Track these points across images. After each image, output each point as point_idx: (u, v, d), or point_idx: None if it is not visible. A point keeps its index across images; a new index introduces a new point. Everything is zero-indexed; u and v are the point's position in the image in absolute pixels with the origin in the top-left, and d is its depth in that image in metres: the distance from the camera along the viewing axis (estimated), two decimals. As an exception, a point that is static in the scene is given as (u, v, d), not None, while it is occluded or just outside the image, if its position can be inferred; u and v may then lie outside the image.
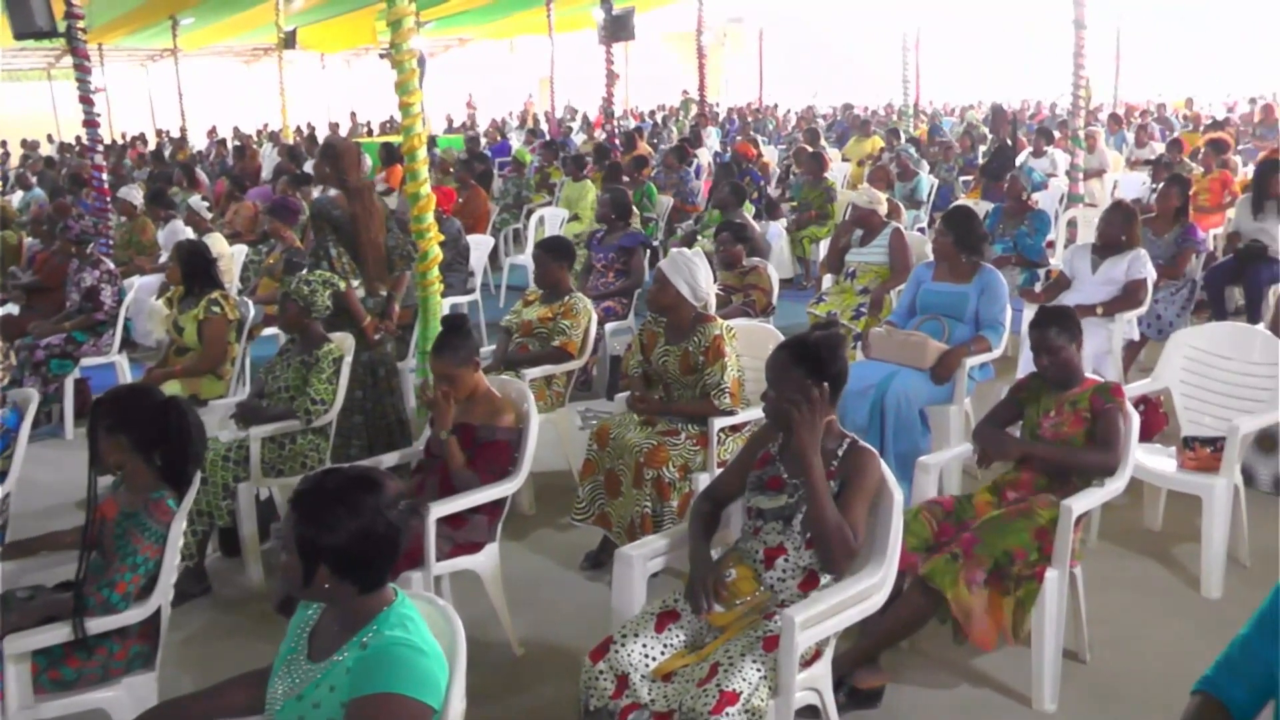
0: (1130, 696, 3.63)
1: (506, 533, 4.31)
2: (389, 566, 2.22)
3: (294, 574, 2.18)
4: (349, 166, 5.39)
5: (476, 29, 29.98)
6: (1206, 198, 9.79)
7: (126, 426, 3.23)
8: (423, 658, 2.14)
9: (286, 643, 2.34)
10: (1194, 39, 30.91)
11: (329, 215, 5.42)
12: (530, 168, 14.06)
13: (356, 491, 2.18)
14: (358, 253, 5.40)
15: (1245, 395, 4.88)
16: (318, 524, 2.15)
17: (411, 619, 2.22)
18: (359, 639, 2.17)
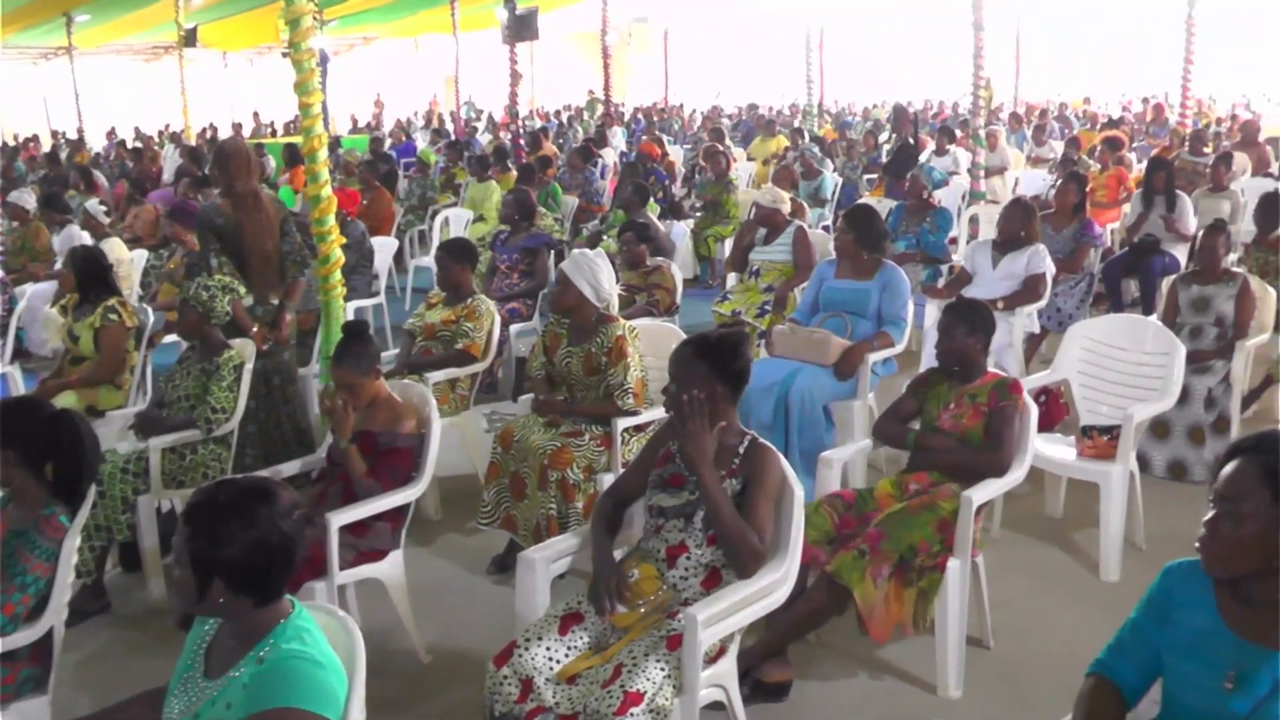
0: (1033, 679, 3.70)
1: (411, 539, 4.26)
2: (285, 578, 2.16)
3: (188, 589, 2.13)
4: (237, 171, 5.23)
5: (380, 27, 29.66)
6: (1103, 194, 10.07)
7: (13, 441, 3.11)
8: (320, 670, 2.10)
9: (183, 660, 2.28)
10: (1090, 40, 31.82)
11: (212, 224, 5.25)
12: (435, 168, 13.92)
13: (250, 502, 2.12)
14: (243, 261, 5.23)
15: (1140, 384, 5.02)
16: (211, 537, 2.09)
17: (309, 631, 2.16)
18: (255, 654, 2.11)
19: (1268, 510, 2.04)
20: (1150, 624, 2.27)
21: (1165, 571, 2.29)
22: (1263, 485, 2.05)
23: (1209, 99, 24.91)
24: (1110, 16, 30.30)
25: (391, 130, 23.83)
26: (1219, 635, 2.13)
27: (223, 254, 5.23)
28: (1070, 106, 24.70)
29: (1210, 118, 20.14)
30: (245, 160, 5.34)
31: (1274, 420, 6.24)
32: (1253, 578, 2.10)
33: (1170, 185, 8.30)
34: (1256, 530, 2.05)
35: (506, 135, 17.36)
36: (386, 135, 22.16)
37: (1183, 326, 5.75)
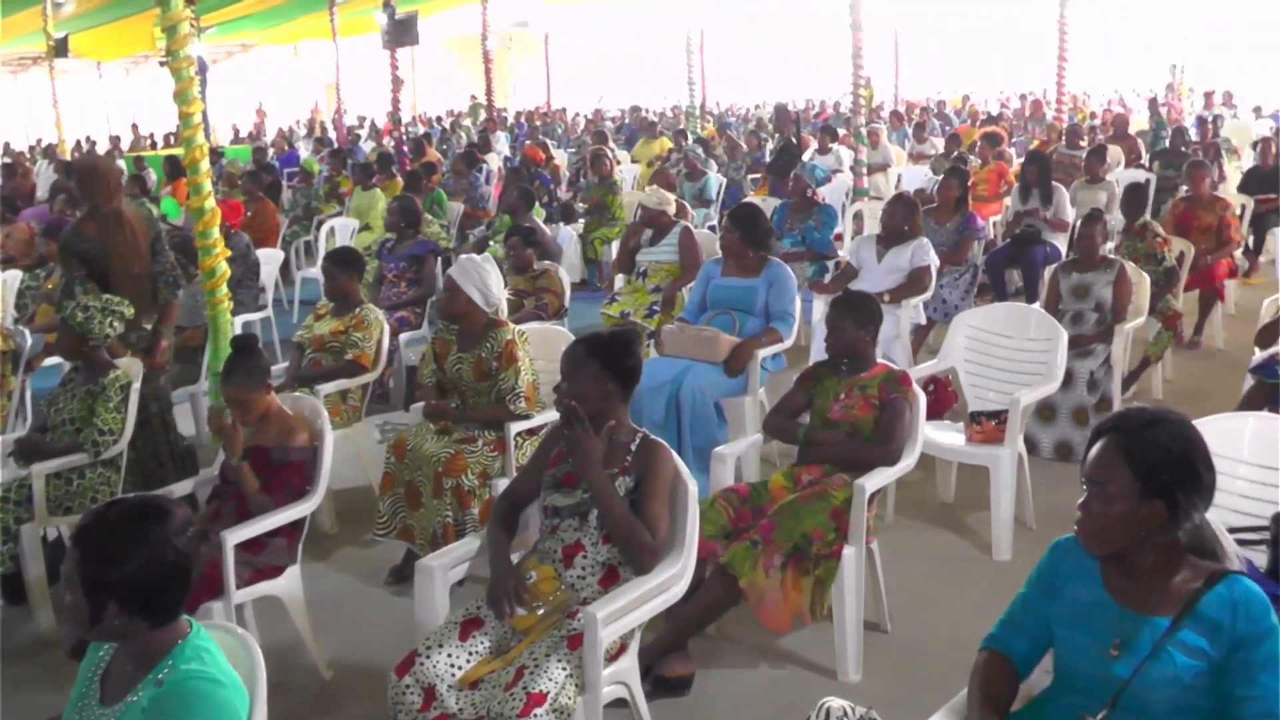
0: (931, 660, 3.78)
1: (309, 554, 4.20)
2: (181, 597, 2.11)
3: (80, 614, 2.06)
4: (100, 190, 5.01)
5: (259, 34, 28.99)
6: (985, 188, 10.33)
7: None
8: (221, 689, 2.06)
9: (77, 688, 2.21)
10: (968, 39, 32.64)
11: (76, 247, 5.01)
12: (319, 177, 13.69)
13: (142, 520, 2.07)
14: (111, 286, 4.95)
15: (1024, 370, 5.17)
16: (103, 558, 2.03)
17: (208, 650, 2.12)
18: (154, 676, 2.06)
19: (1132, 487, 2.13)
20: (1039, 598, 2.35)
21: (1053, 547, 2.37)
22: (1125, 464, 2.14)
23: (1084, 95, 25.85)
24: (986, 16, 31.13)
25: (274, 140, 23.38)
26: (1104, 605, 2.22)
27: (89, 280, 4.97)
28: (950, 104, 25.38)
29: (1085, 113, 20.86)
30: (108, 178, 5.12)
31: (1154, 399, 6.51)
32: (1131, 549, 2.18)
33: (1045, 178, 8.56)
34: (1124, 507, 2.14)
35: (390, 142, 17.17)
36: (269, 145, 21.74)
37: (1064, 313, 5.95)
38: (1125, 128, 14.55)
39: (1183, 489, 2.13)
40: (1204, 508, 2.18)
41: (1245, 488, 3.39)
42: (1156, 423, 2.18)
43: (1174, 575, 2.18)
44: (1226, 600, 2.10)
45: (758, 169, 12.81)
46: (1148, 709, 2.13)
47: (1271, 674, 2.06)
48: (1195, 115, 17.99)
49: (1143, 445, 2.14)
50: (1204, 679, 2.10)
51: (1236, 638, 2.08)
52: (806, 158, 12.18)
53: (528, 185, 9.77)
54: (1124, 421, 2.20)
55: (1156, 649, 2.11)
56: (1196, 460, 2.16)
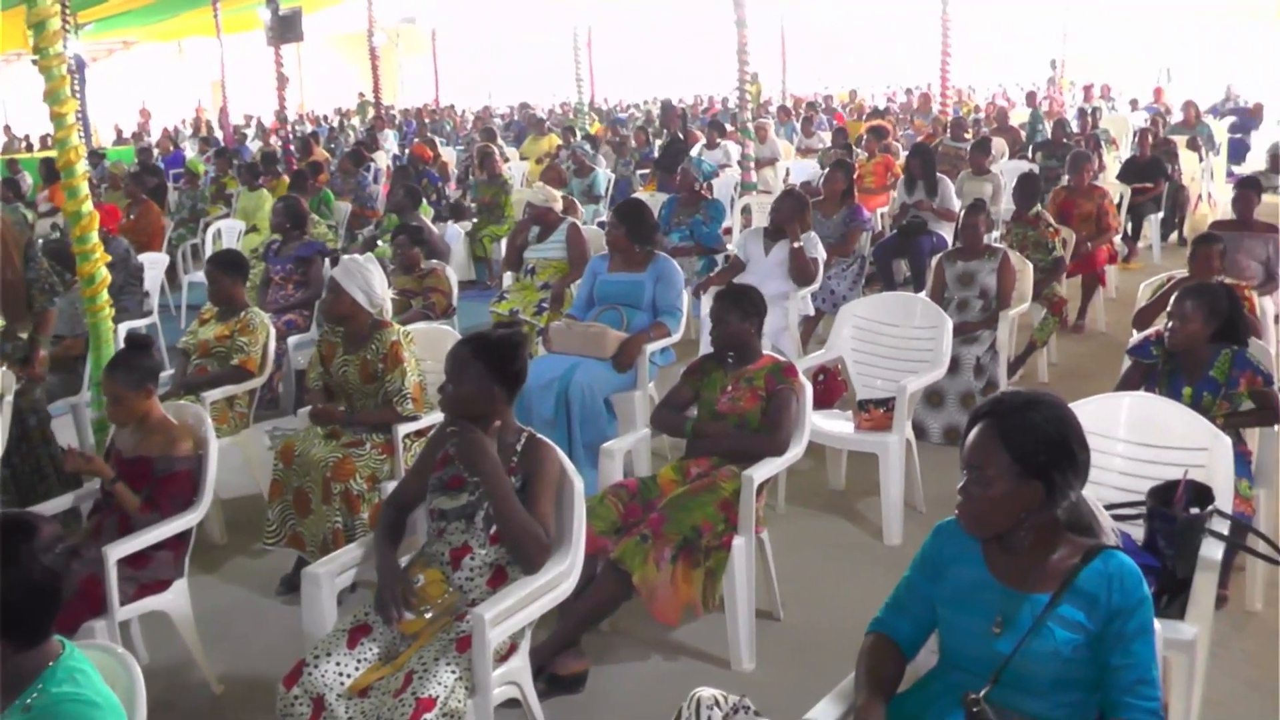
0: (823, 646, 3.84)
1: (197, 566, 4.12)
2: (50, 618, 2.05)
3: None
4: None
5: (140, 31, 28.04)
6: (871, 180, 10.54)
7: None
8: (96, 711, 2.00)
9: (-62, 722, 2.13)
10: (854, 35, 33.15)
11: None
12: (205, 178, 13.37)
13: (5, 539, 2.01)
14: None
15: (911, 357, 5.29)
16: None
17: (82, 671, 2.06)
18: (22, 701, 2.00)
19: (1009, 469, 2.20)
20: (924, 580, 2.41)
21: (936, 531, 2.45)
22: (1002, 447, 2.21)
23: (969, 89, 26.49)
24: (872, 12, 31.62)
25: (159, 140, 22.74)
26: (986, 585, 2.29)
27: None
28: (837, 99, 25.79)
29: (969, 106, 21.38)
30: None
31: (1040, 382, 6.72)
32: (1012, 529, 2.26)
33: (930, 169, 8.75)
34: (1003, 489, 2.21)
35: (277, 141, 16.83)
36: (154, 145, 21.13)
37: (950, 301, 6.11)
38: (1006, 120, 14.96)
39: (1059, 468, 2.21)
40: (1080, 485, 2.26)
41: (1122, 464, 3.54)
42: (1032, 405, 2.24)
43: (1053, 553, 2.26)
44: (1102, 574, 2.19)
45: (646, 165, 12.86)
46: (1029, 683, 2.21)
47: (1143, 642, 2.16)
48: (1076, 108, 18.59)
49: (1018, 428, 2.21)
50: (1083, 651, 2.18)
51: (1111, 610, 2.17)
52: (695, 153, 12.28)
53: (415, 184, 9.67)
54: (999, 406, 2.27)
55: (1037, 624, 2.18)
56: (1071, 440, 2.23)
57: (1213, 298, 4.00)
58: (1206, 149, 12.97)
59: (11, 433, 4.76)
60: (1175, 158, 11.34)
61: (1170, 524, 3.11)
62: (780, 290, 6.33)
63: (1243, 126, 17.73)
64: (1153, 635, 2.19)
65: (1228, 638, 3.84)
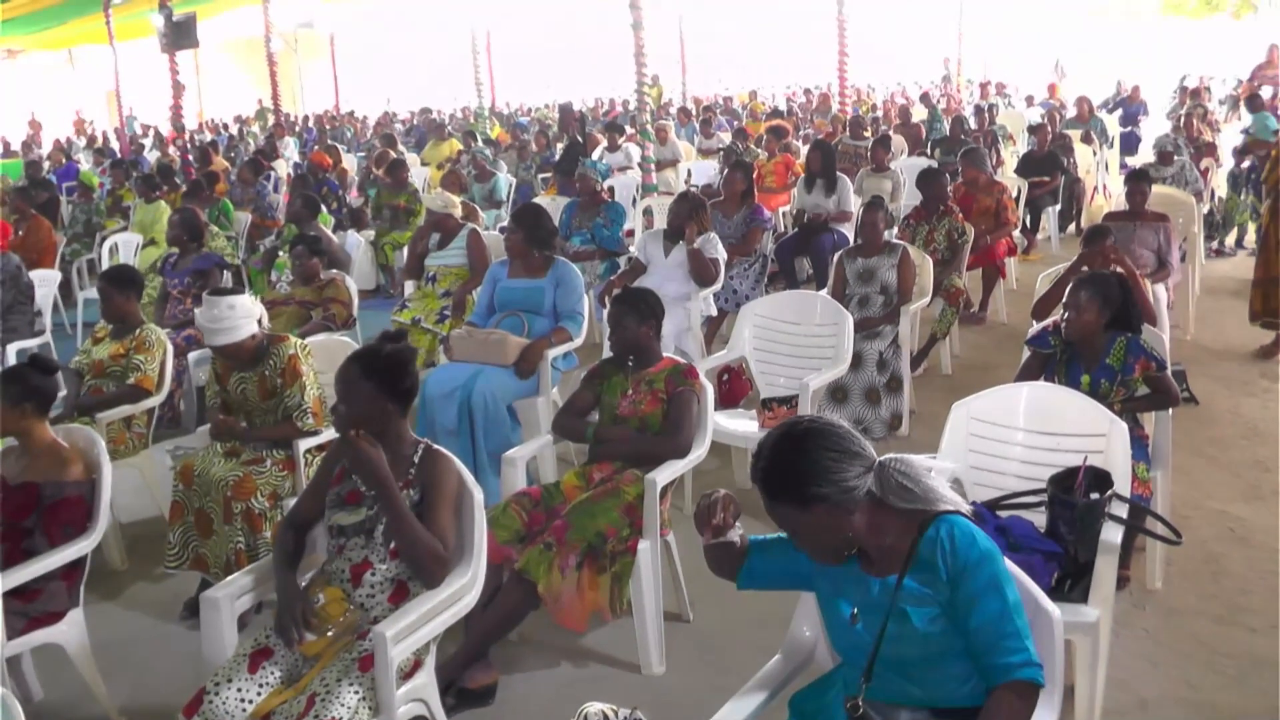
0: (732, 644, 3.89)
1: (97, 593, 4.02)
2: None
3: None
4: None
5: (26, 39, 27.22)
6: (772, 179, 10.64)
7: None
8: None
9: None
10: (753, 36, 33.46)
11: None
12: (100, 191, 13.02)
13: None
14: None
15: (814, 354, 5.35)
16: None
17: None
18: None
19: (798, 515, 2.22)
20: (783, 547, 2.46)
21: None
22: (787, 501, 2.21)
23: (868, 89, 26.93)
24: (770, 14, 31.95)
25: (49, 152, 22.06)
26: (854, 578, 2.32)
27: None
28: (737, 99, 26.02)
29: (868, 105, 21.74)
30: None
31: (943, 374, 6.86)
32: (854, 539, 2.26)
33: (830, 166, 8.86)
34: (814, 531, 2.23)
35: (175, 151, 16.46)
36: (45, 158, 20.50)
37: (852, 297, 6.20)
38: (909, 117, 15.22)
39: (815, 482, 2.18)
40: (860, 467, 2.20)
41: (1023, 453, 3.63)
42: (762, 458, 2.24)
43: (892, 535, 2.25)
44: (934, 541, 2.19)
45: (548, 169, 12.84)
46: (904, 667, 2.23)
47: (992, 598, 2.15)
48: (973, 105, 19.00)
49: (776, 484, 2.21)
50: (940, 623, 2.19)
51: (953, 573, 2.17)
52: (596, 155, 12.28)
53: (314, 192, 9.52)
54: (763, 480, 2.24)
55: (892, 607, 2.20)
56: (808, 450, 2.20)
57: (1106, 287, 4.12)
58: (1100, 142, 13.34)
59: None
60: (1070, 151, 11.68)
61: (1071, 510, 3.18)
62: (682, 291, 6.36)
63: (1130, 117, 18.31)
64: (1005, 587, 2.17)
65: (1130, 616, 3.98)
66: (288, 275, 6.99)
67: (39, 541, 3.62)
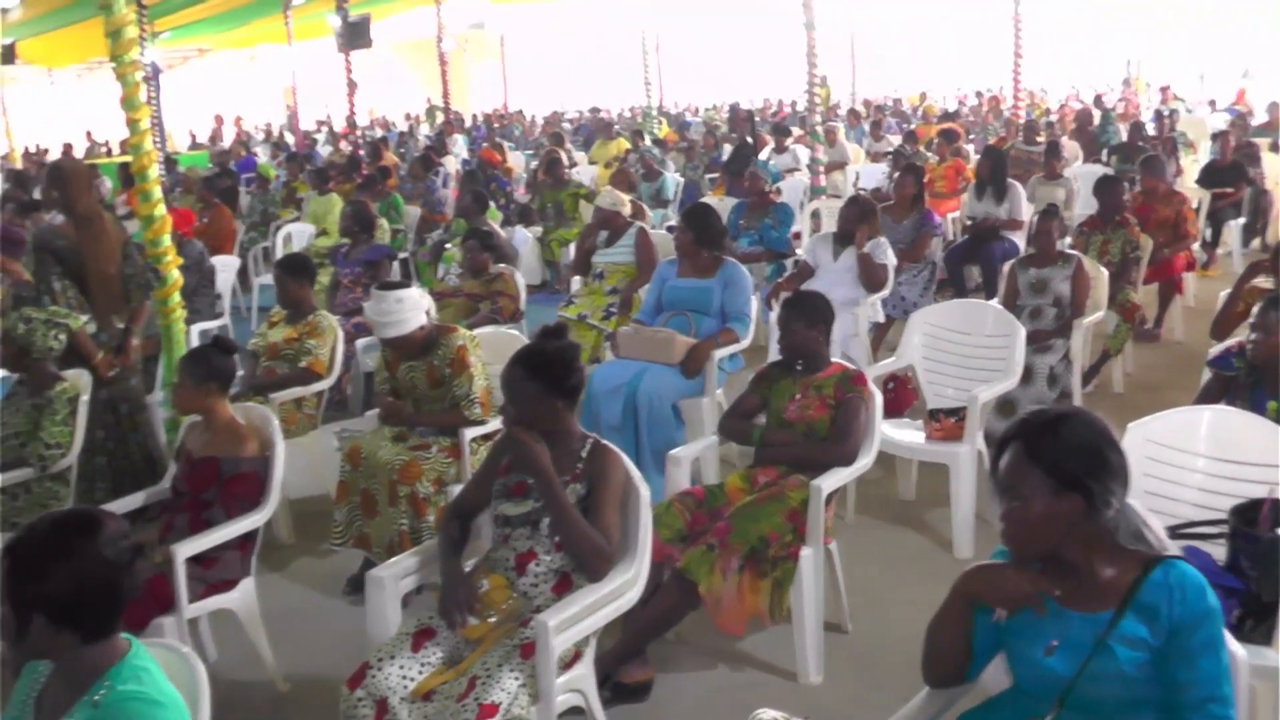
0: (891, 660, 3.75)
1: (265, 565, 4.15)
2: (114, 613, 2.06)
3: (7, 626, 2.01)
4: (77, 191, 5.03)
5: (214, 39, 28.67)
6: (942, 184, 10.38)
7: None
8: (159, 710, 2.00)
9: (9, 712, 2.15)
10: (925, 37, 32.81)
11: (52, 245, 5.03)
12: (276, 183, 13.58)
13: (68, 534, 2.02)
14: (85, 285, 5.02)
15: (982, 366, 5.18)
16: (27, 571, 1.98)
17: (147, 670, 2.06)
18: (89, 697, 2.00)
19: (1044, 485, 2.13)
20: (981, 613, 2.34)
21: (996, 554, 2.37)
22: (1033, 464, 2.14)
23: (1041, 91, 26.04)
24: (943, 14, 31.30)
25: (231, 145, 23.14)
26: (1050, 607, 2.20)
27: (65, 278, 5.00)
28: (906, 101, 25.49)
29: (1041, 109, 21.02)
30: (84, 180, 5.15)
31: (1114, 392, 6.55)
32: (1060, 548, 2.17)
33: (1000, 174, 8.59)
34: (1042, 507, 2.13)
35: (347, 146, 17.05)
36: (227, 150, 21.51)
37: (1023, 308, 5.96)
38: (1089, 122, 14.61)
39: (1094, 476, 2.13)
40: (1122, 491, 2.16)
41: (1202, 481, 3.41)
42: (1058, 419, 2.18)
43: (1108, 568, 2.17)
44: (1163, 586, 2.10)
45: (714, 169, 12.81)
46: (1096, 706, 2.13)
47: (1211, 657, 2.06)
48: (1152, 110, 18.19)
49: (1046, 442, 2.15)
50: (1147, 669, 2.09)
51: (1175, 623, 2.07)
52: (764, 156, 12.19)
53: (482, 188, 9.72)
54: (1025, 426, 2.20)
55: (1099, 644, 2.10)
56: (1103, 445, 2.16)
57: None
58: (1292, 152, 12.57)
59: (104, 419, 4.90)
60: (1257, 161, 10.98)
61: (1254, 544, 2.98)
62: (850, 296, 6.25)
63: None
64: (1221, 649, 2.09)
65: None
66: (456, 268, 7.14)
67: (216, 513, 3.78)
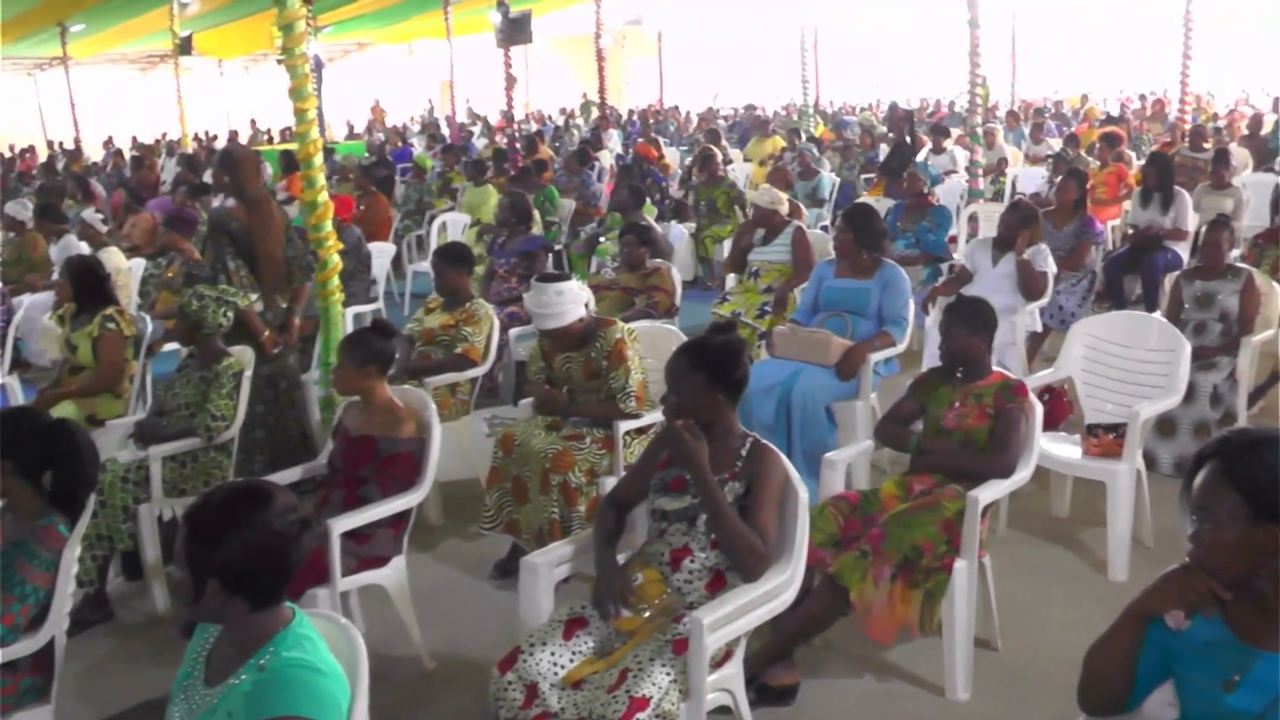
0: (1041, 681, 3.65)
1: (414, 545, 4.23)
2: (282, 582, 2.13)
3: (185, 591, 2.11)
4: (248, 176, 5.26)
5: (374, 33, 29.59)
6: (1103, 190, 10.01)
7: (10, 451, 3.08)
8: (322, 678, 2.07)
9: (183, 667, 2.25)
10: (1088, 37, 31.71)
11: (226, 227, 5.27)
12: (432, 173, 13.92)
13: (244, 504, 2.11)
14: (254, 265, 5.27)
15: (1144, 381, 4.98)
16: (205, 539, 2.08)
17: (310, 639, 2.14)
18: (256, 661, 2.09)
19: (1240, 510, 2.03)
20: (1160, 629, 2.24)
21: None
22: (1232, 488, 2.04)
23: (1208, 94, 24.84)
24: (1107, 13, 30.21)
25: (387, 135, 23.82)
26: (1225, 642, 2.11)
27: (237, 258, 5.24)
28: (1067, 103, 24.64)
29: (1209, 113, 20.09)
30: (255, 165, 5.39)
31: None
32: (1254, 580, 2.07)
33: (1167, 181, 8.25)
34: (1236, 534, 2.04)
35: (503, 139, 17.34)
36: (383, 141, 22.16)
37: (1187, 323, 5.70)
38: (1260, 128, 13.89)
39: None
40: None
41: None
42: (1262, 443, 2.07)
43: None
44: None
45: (871, 169, 12.63)
46: None
47: None
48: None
49: (1249, 467, 2.04)
50: None
51: None
52: (920, 158, 11.95)
53: (639, 183, 9.77)
54: (1227, 445, 2.10)
55: None
56: None
57: None
58: None
59: (265, 395, 5.12)
60: None
61: None
62: (1007, 304, 6.06)
63: None
64: None
65: None
66: (611, 261, 7.19)
67: (371, 490, 3.88)
